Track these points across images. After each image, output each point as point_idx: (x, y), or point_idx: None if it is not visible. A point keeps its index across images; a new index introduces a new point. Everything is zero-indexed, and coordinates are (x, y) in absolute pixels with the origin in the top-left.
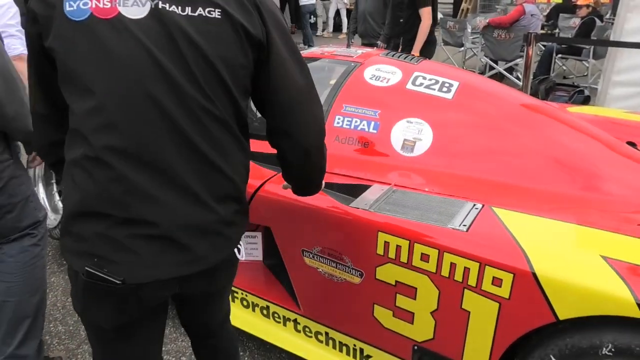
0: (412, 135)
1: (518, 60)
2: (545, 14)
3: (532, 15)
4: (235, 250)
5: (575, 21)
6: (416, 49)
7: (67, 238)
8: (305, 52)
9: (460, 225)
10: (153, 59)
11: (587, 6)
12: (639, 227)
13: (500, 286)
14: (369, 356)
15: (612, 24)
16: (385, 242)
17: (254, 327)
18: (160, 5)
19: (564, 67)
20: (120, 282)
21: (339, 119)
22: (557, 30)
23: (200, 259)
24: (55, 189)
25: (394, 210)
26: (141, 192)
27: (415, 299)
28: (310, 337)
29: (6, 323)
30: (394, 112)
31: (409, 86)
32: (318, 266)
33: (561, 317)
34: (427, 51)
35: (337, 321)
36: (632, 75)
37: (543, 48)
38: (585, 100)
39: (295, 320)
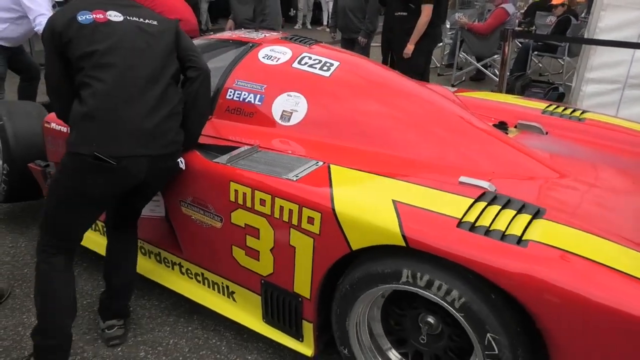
0: (290, 107)
1: (495, 56)
2: (522, 11)
3: (512, 14)
4: (179, 161)
5: (552, 19)
6: (412, 41)
7: (78, 133)
8: (217, 35)
9: (293, 176)
10: (130, 36)
11: (563, 5)
12: (455, 184)
13: (313, 224)
14: (233, 292)
15: (587, 22)
16: (235, 190)
17: (149, 272)
18: (129, 17)
19: (540, 64)
20: (116, 162)
21: (230, 92)
22: (533, 28)
23: (158, 148)
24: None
25: (247, 165)
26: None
27: (259, 238)
28: (192, 278)
29: None
30: (277, 86)
31: (295, 65)
32: (191, 214)
33: (353, 247)
34: (430, 44)
35: (208, 262)
36: (604, 72)
37: (520, 45)
38: (560, 97)
39: (179, 264)
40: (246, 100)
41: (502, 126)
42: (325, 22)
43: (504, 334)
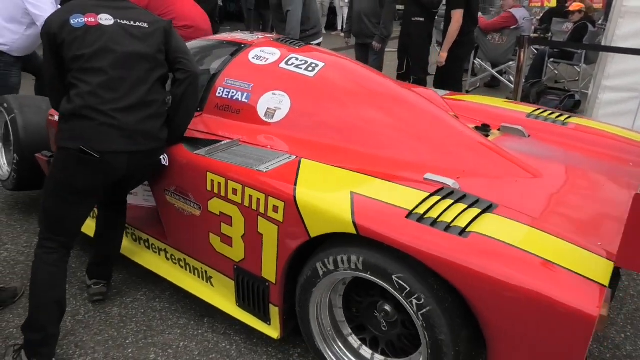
0: (274, 104)
1: (510, 63)
2: (538, 18)
3: (523, 19)
4: (162, 158)
5: (568, 26)
6: (445, 49)
7: (66, 129)
8: (214, 36)
9: (263, 168)
10: (117, 39)
11: (580, 11)
12: (419, 180)
13: (277, 212)
14: (211, 277)
15: (604, 29)
16: (211, 180)
17: (138, 256)
18: (119, 20)
19: (556, 72)
20: (99, 156)
21: (220, 90)
22: (550, 35)
23: (139, 145)
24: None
25: (224, 157)
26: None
27: (232, 226)
28: (175, 263)
29: None
30: (263, 85)
31: (282, 65)
32: (175, 202)
33: (312, 235)
34: (463, 52)
35: (189, 248)
36: (622, 80)
37: (535, 52)
38: (576, 105)
39: (165, 250)
40: (234, 98)
41: (484, 128)
42: (339, 27)
43: (406, 270)
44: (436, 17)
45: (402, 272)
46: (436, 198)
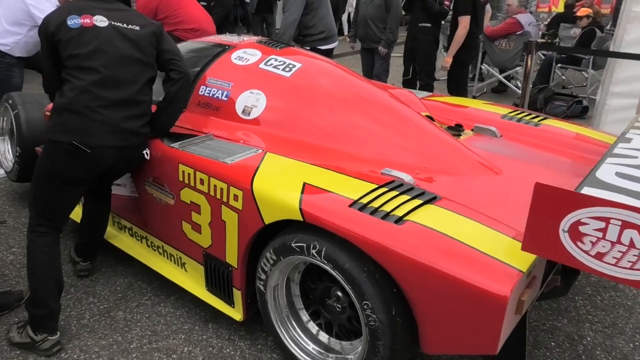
0: (251, 102)
1: (518, 68)
2: (546, 23)
3: (529, 24)
4: (144, 153)
5: (576, 31)
6: (450, 54)
7: (58, 122)
8: (202, 38)
9: (229, 160)
10: (111, 41)
11: (588, 17)
12: (375, 174)
13: (237, 201)
14: (184, 263)
15: (612, 34)
16: (183, 171)
17: (122, 244)
18: (113, 22)
19: (564, 77)
20: (90, 151)
21: (202, 88)
22: (557, 40)
23: (125, 140)
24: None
25: (196, 150)
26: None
27: (200, 214)
28: (155, 250)
29: None
30: (242, 84)
31: (261, 66)
32: (152, 192)
33: (266, 222)
34: (468, 56)
35: (165, 236)
36: (630, 86)
37: (543, 57)
38: (584, 111)
39: (146, 238)
40: (215, 96)
41: (457, 128)
42: (345, 32)
43: (297, 233)
44: (443, 23)
45: (295, 237)
46: (382, 190)
